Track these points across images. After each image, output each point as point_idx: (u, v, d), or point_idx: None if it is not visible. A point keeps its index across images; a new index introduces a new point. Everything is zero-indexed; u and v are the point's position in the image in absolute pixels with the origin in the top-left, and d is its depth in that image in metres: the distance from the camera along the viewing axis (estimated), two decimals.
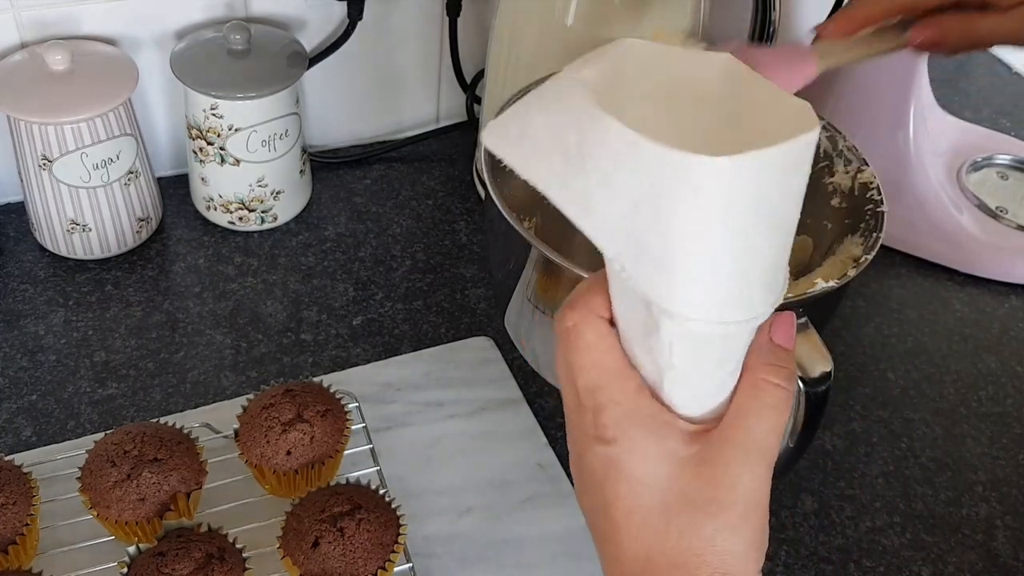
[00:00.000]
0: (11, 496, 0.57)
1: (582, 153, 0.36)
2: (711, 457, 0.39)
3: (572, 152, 0.36)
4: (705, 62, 0.39)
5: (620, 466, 0.40)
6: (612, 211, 0.36)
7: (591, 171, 0.36)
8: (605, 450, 0.40)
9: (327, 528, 0.55)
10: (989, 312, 0.86)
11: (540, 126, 0.37)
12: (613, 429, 0.40)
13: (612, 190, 0.36)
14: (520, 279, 0.60)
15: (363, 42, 0.88)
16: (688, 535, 0.39)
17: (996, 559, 0.67)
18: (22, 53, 0.77)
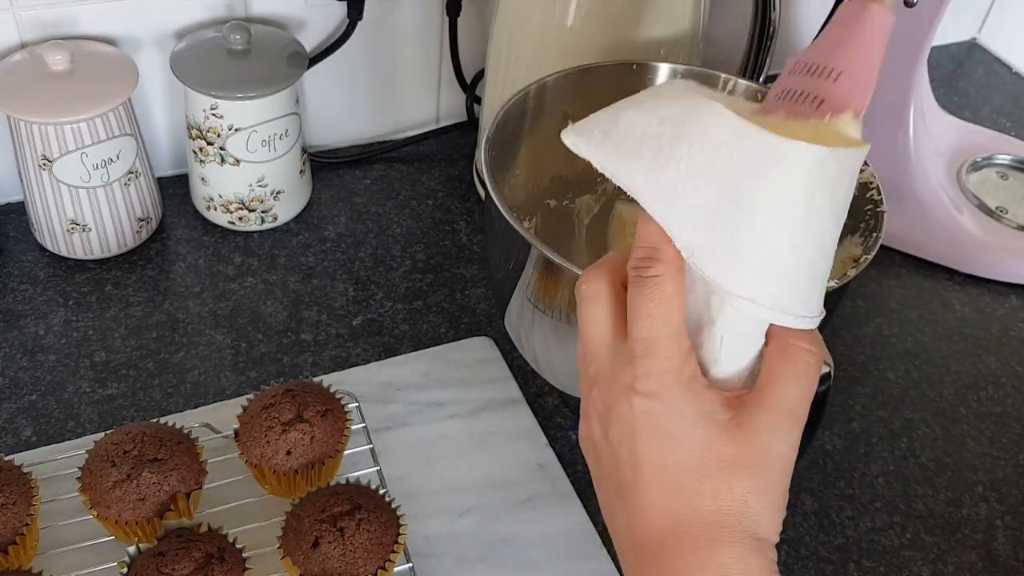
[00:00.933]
0: (11, 496, 0.57)
1: (676, 145, 0.38)
2: (747, 422, 0.40)
3: (665, 144, 0.38)
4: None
5: (658, 421, 0.41)
6: (697, 200, 0.38)
7: (683, 161, 0.38)
8: (644, 403, 0.41)
9: (327, 528, 0.55)
10: (989, 312, 0.86)
11: (630, 124, 0.40)
12: (657, 383, 0.40)
13: (703, 179, 0.38)
14: (520, 279, 0.60)
15: (363, 42, 0.88)
16: (722, 496, 0.40)
17: (996, 559, 0.67)
18: (22, 53, 0.77)
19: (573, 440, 0.72)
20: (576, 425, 0.73)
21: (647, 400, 0.41)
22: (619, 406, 0.42)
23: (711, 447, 0.40)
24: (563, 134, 0.42)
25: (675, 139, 0.38)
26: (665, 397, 0.40)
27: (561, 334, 0.61)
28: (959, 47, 1.20)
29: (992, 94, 1.12)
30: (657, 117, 0.39)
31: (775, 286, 0.38)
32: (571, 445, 0.72)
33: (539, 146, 0.71)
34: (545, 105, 0.70)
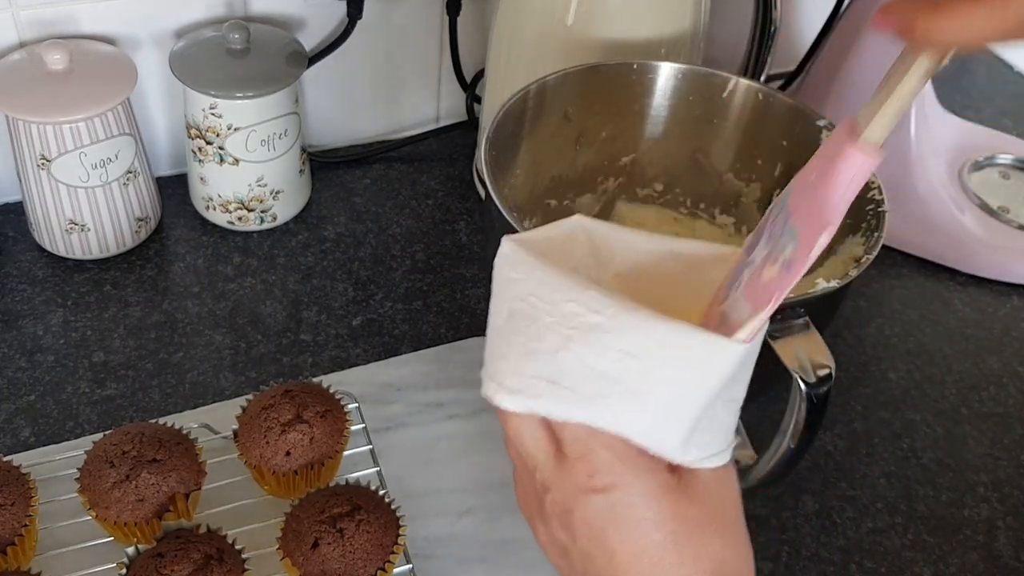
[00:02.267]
0: (10, 497, 0.57)
1: (651, 376, 0.40)
2: (693, 480, 0.42)
3: (635, 380, 0.40)
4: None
5: (623, 510, 0.41)
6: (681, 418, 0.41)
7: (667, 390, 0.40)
8: (603, 498, 0.41)
9: (327, 529, 0.55)
10: (991, 312, 0.85)
11: (581, 366, 0.40)
12: (608, 475, 0.41)
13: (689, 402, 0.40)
14: None
15: (363, 42, 0.88)
16: (702, 557, 0.41)
17: (998, 560, 0.67)
18: (21, 53, 0.77)
19: None
20: None
21: (606, 495, 0.41)
22: (579, 508, 0.42)
23: (676, 514, 0.41)
24: (493, 398, 0.43)
25: (655, 372, 0.39)
26: (621, 485, 0.41)
27: None
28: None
29: (994, 94, 1.12)
30: (616, 352, 0.39)
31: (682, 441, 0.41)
32: None
33: (539, 146, 0.71)
34: (545, 105, 0.70)
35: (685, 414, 0.40)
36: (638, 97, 0.72)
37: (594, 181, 0.76)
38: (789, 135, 0.69)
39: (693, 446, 0.41)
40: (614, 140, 0.74)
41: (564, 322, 0.40)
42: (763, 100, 0.68)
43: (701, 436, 0.41)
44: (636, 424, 0.41)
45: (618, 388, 0.40)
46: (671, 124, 0.73)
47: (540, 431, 0.43)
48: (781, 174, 0.70)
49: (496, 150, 0.64)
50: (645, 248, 0.45)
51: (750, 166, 0.72)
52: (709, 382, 0.39)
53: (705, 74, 0.71)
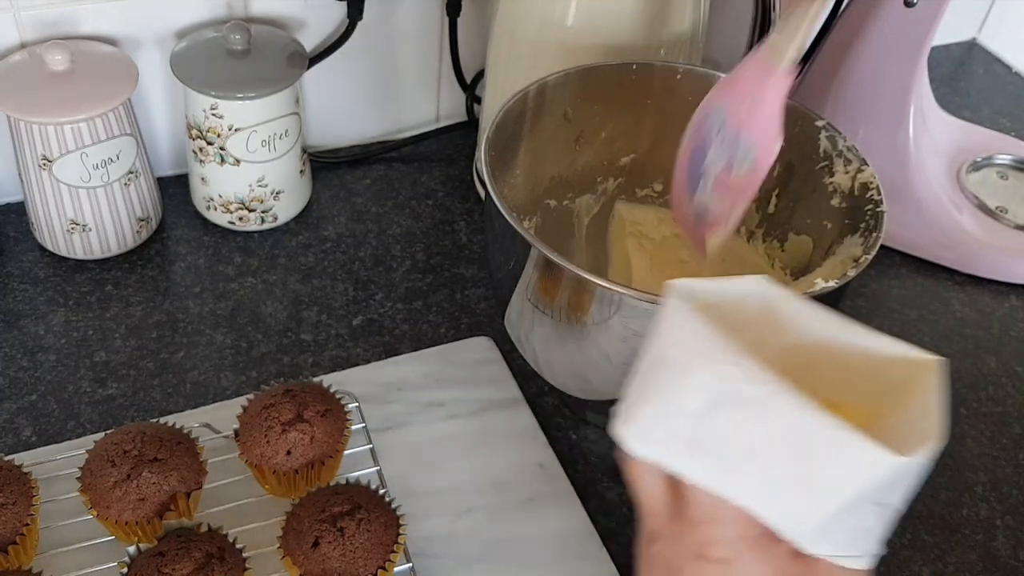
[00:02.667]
0: (11, 496, 0.57)
1: (804, 467, 0.39)
2: (820, 572, 0.40)
3: (781, 465, 0.39)
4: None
5: None
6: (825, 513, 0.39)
7: (818, 483, 0.39)
8: (715, 569, 0.41)
9: (327, 528, 0.55)
10: (989, 312, 0.86)
11: (725, 434, 0.39)
12: (726, 548, 0.40)
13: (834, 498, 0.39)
14: (520, 279, 0.60)
15: (363, 42, 0.88)
16: None
17: (996, 559, 0.67)
18: (22, 53, 0.77)
19: (573, 440, 0.72)
20: (576, 425, 0.73)
21: (718, 567, 0.40)
22: (689, 571, 0.41)
23: None
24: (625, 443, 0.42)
25: (800, 462, 0.38)
26: (736, 563, 0.40)
27: (561, 334, 0.61)
28: (959, 47, 1.20)
29: (992, 94, 1.12)
30: (766, 432, 0.38)
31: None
32: (571, 445, 0.72)
33: (539, 146, 0.71)
34: (545, 105, 0.70)
35: (823, 508, 0.39)
36: (638, 98, 0.72)
37: (594, 181, 0.76)
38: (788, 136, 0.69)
39: (827, 541, 0.40)
40: (614, 140, 0.74)
41: (717, 385, 0.39)
42: None
43: (838, 534, 0.40)
44: (769, 505, 0.40)
45: (758, 465, 0.39)
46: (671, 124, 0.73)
47: (661, 484, 0.42)
48: (780, 174, 0.70)
49: (496, 150, 0.64)
50: (823, 329, 0.43)
51: None
52: (855, 484, 0.38)
53: (703, 75, 0.71)
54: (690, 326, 0.40)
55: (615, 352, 0.58)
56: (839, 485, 0.38)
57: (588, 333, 0.58)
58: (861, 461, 0.38)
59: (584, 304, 0.57)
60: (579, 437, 0.72)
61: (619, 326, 0.56)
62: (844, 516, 0.39)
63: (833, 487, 0.38)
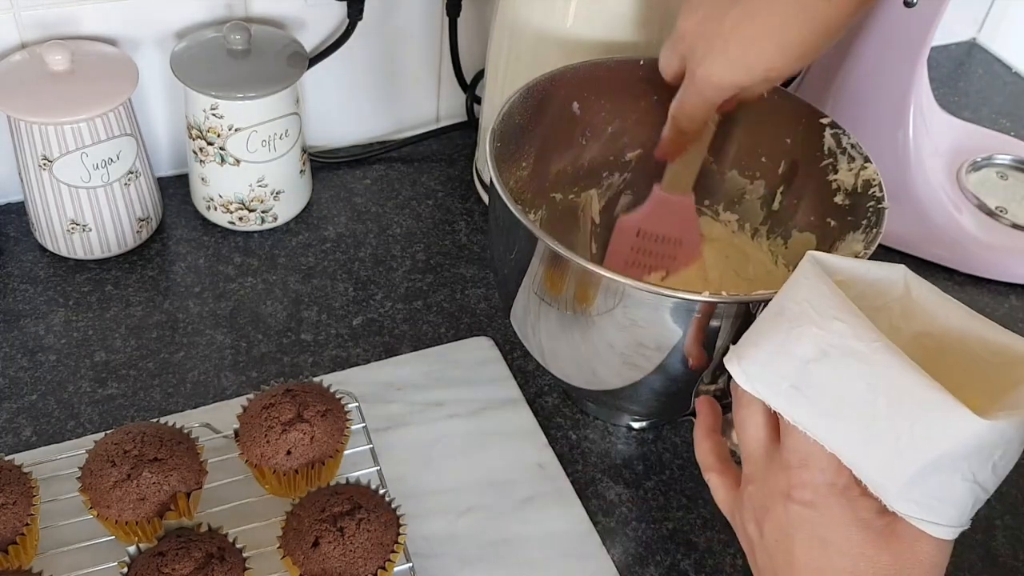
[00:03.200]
0: (11, 496, 0.57)
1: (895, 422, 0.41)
2: (903, 531, 0.42)
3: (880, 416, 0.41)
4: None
5: (814, 527, 0.43)
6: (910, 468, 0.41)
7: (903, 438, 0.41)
8: (800, 511, 0.43)
9: (327, 528, 0.55)
10: (989, 312, 0.85)
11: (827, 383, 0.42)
12: (812, 493, 0.43)
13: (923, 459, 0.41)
14: (526, 273, 0.60)
15: (363, 42, 0.88)
16: None
17: (995, 559, 0.67)
18: (22, 53, 0.77)
19: (573, 440, 0.72)
20: (576, 425, 0.73)
21: (803, 508, 0.43)
22: (775, 509, 0.44)
23: (865, 552, 0.42)
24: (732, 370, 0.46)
25: (893, 416, 0.40)
26: (821, 506, 0.43)
27: (567, 326, 0.61)
28: (959, 47, 1.20)
29: (992, 94, 1.12)
30: (865, 384, 0.41)
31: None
32: (571, 445, 0.72)
33: (546, 139, 0.71)
34: (552, 99, 0.70)
35: (910, 464, 0.40)
36: (645, 93, 0.72)
37: (600, 176, 0.76)
38: (793, 132, 0.69)
39: (912, 501, 0.41)
40: (620, 135, 0.74)
41: (826, 337, 0.42)
42: (767, 97, 0.68)
43: (926, 496, 0.41)
44: (859, 455, 0.42)
45: (853, 415, 0.41)
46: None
47: (764, 426, 0.45)
48: (785, 171, 0.70)
49: (501, 142, 0.64)
50: (959, 322, 0.45)
51: (754, 163, 0.72)
52: (941, 443, 0.40)
53: None
54: (814, 286, 0.43)
55: (619, 341, 0.58)
56: (926, 443, 0.40)
57: (593, 323, 0.59)
58: (948, 420, 0.39)
59: (589, 295, 0.57)
60: (579, 437, 0.72)
61: (623, 316, 0.56)
62: (930, 478, 0.41)
63: (921, 444, 0.40)
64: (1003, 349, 0.44)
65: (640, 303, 0.55)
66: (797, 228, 0.70)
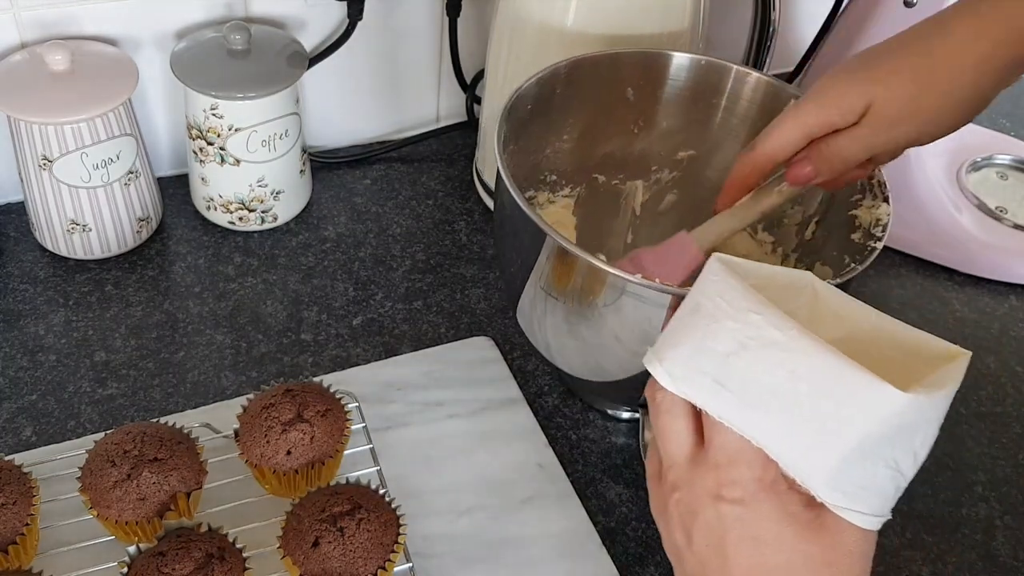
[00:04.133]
0: (11, 496, 0.57)
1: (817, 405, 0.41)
2: (829, 522, 0.42)
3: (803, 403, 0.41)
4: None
5: (745, 525, 0.42)
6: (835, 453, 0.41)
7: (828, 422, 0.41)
8: (731, 509, 0.43)
9: (327, 528, 0.55)
10: (989, 312, 0.86)
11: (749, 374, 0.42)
12: (742, 491, 0.43)
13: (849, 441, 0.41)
14: (533, 268, 0.61)
15: (363, 42, 0.88)
16: None
17: (996, 559, 0.68)
18: (22, 53, 0.77)
19: (573, 440, 0.72)
20: (576, 425, 0.73)
21: (734, 506, 0.43)
22: (704, 512, 0.44)
23: (797, 547, 0.42)
24: (654, 372, 0.45)
25: (815, 400, 0.41)
26: (750, 503, 0.42)
27: (573, 320, 0.61)
28: None
29: None
30: (785, 371, 0.41)
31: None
32: (571, 445, 0.72)
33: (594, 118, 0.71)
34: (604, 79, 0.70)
35: (835, 450, 0.41)
36: (705, 95, 0.71)
37: (648, 168, 0.75)
38: None
39: (840, 490, 0.41)
40: (675, 132, 0.74)
41: (744, 330, 0.42)
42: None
43: (852, 484, 0.41)
44: (786, 444, 0.42)
45: (777, 405, 0.41)
46: (735, 130, 0.72)
47: (686, 432, 0.45)
48: (824, 201, 0.69)
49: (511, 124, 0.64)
50: (868, 323, 0.45)
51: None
52: (863, 424, 0.40)
53: (774, 87, 0.69)
54: (725, 282, 0.44)
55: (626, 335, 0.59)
56: (850, 424, 0.40)
57: (600, 316, 0.59)
58: (870, 396, 0.40)
59: (596, 290, 0.58)
60: (579, 437, 0.72)
61: (630, 308, 0.57)
62: (855, 465, 0.41)
63: (845, 427, 0.40)
64: (915, 347, 0.44)
65: (647, 298, 0.56)
66: (821, 261, 0.68)
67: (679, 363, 0.44)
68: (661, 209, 0.77)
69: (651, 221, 0.78)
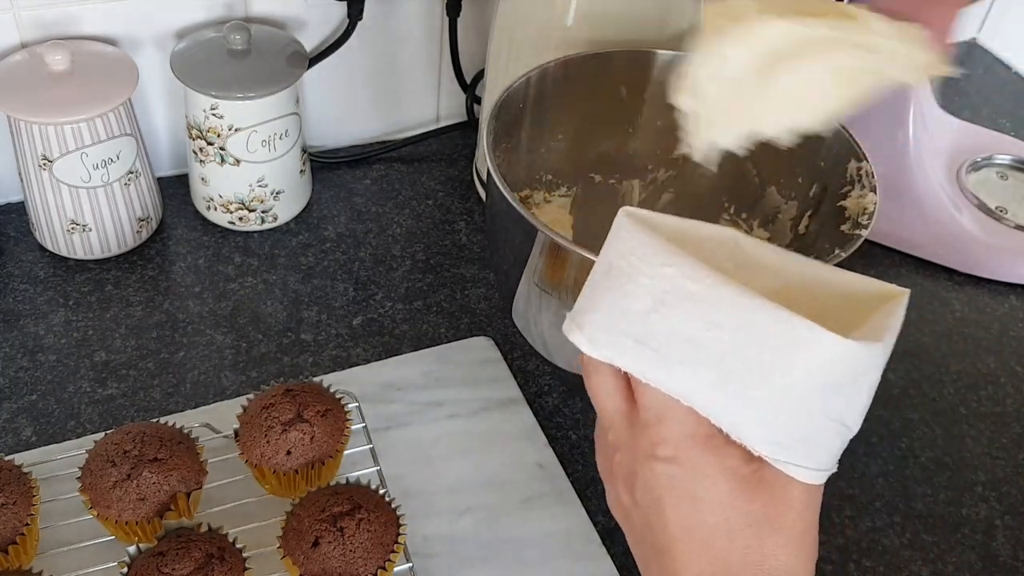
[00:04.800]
0: (11, 496, 0.57)
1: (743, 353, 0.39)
2: (770, 477, 0.41)
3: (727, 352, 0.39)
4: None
5: (681, 484, 0.41)
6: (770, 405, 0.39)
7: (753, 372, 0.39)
8: (665, 468, 0.42)
9: (327, 528, 0.55)
10: (989, 312, 0.86)
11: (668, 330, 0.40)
12: (674, 447, 0.41)
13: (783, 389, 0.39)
14: (527, 265, 0.61)
15: (363, 42, 0.88)
16: (752, 551, 0.40)
17: (996, 559, 0.68)
18: (22, 53, 0.77)
19: (573, 440, 0.72)
20: (576, 425, 0.73)
21: (668, 465, 0.41)
22: (642, 472, 0.43)
23: (735, 504, 0.41)
24: (578, 344, 0.43)
25: (740, 349, 0.39)
26: (684, 460, 0.41)
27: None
28: (959, 47, 1.20)
29: (992, 94, 1.12)
30: (705, 322, 0.39)
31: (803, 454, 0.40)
32: (571, 445, 0.72)
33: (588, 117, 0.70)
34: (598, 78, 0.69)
35: (769, 401, 0.39)
36: None
37: (644, 168, 0.75)
38: (827, 156, 0.68)
39: (776, 443, 0.40)
40: (670, 131, 0.74)
41: (659, 285, 0.40)
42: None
43: (791, 436, 0.40)
44: (714, 398, 0.40)
45: (702, 357, 0.39)
46: None
47: (617, 392, 0.44)
48: (816, 195, 0.68)
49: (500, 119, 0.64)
50: (797, 270, 0.43)
51: (792, 183, 0.71)
52: (794, 371, 0.38)
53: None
54: (635, 237, 0.42)
55: None
56: (783, 371, 0.38)
57: None
58: (802, 344, 0.38)
59: None
60: (579, 437, 0.72)
61: None
62: (793, 418, 0.39)
63: (777, 374, 0.38)
64: (849, 291, 0.42)
65: None
66: (815, 254, 0.68)
67: (597, 327, 0.42)
68: (658, 208, 0.77)
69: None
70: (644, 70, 0.71)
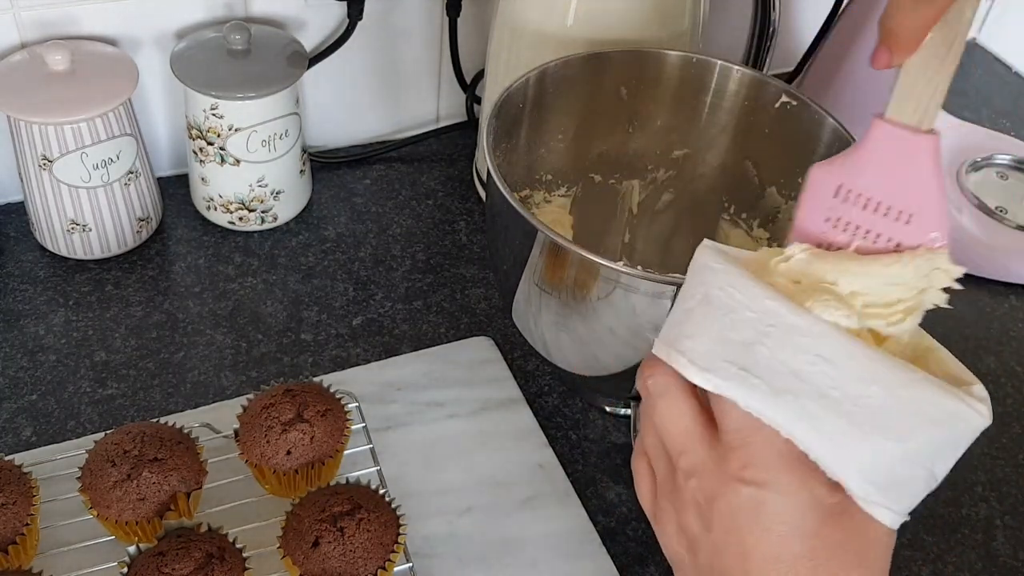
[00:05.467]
0: (11, 496, 0.57)
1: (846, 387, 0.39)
2: (854, 511, 0.40)
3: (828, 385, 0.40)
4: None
5: (767, 510, 0.40)
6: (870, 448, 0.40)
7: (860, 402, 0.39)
8: (752, 492, 0.41)
9: (327, 528, 0.55)
10: (988, 312, 0.86)
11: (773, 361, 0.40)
12: (763, 471, 0.40)
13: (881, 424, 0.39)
14: (527, 265, 0.61)
15: (363, 43, 0.88)
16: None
17: (996, 559, 0.68)
18: (22, 53, 0.77)
19: (573, 440, 0.72)
20: (576, 425, 0.73)
21: (756, 489, 0.40)
22: (726, 496, 0.41)
23: (820, 533, 0.40)
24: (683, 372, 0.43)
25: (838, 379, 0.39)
26: (773, 485, 0.40)
27: (568, 314, 0.61)
28: None
29: (992, 94, 1.12)
30: (811, 355, 0.40)
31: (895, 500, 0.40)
32: (571, 445, 0.72)
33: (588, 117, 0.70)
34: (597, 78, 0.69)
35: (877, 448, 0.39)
36: (696, 92, 0.71)
37: (644, 168, 0.76)
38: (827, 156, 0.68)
39: (872, 484, 0.39)
40: (669, 131, 0.74)
41: (763, 319, 0.40)
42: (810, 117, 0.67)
43: (887, 479, 0.40)
44: (814, 430, 0.40)
45: (807, 389, 0.39)
46: (727, 126, 0.72)
47: (692, 414, 0.43)
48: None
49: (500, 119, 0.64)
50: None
51: (792, 183, 0.71)
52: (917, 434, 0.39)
53: (760, 81, 0.70)
54: (729, 271, 0.42)
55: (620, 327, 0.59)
56: (907, 433, 0.38)
57: (594, 309, 0.59)
58: (942, 413, 0.38)
59: (589, 283, 0.58)
60: (579, 437, 0.72)
61: (624, 300, 0.57)
62: (896, 464, 0.39)
63: (899, 430, 0.39)
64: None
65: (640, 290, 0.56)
66: None
67: (701, 355, 0.42)
68: (658, 208, 0.77)
69: (648, 220, 0.78)
70: (644, 70, 0.71)
